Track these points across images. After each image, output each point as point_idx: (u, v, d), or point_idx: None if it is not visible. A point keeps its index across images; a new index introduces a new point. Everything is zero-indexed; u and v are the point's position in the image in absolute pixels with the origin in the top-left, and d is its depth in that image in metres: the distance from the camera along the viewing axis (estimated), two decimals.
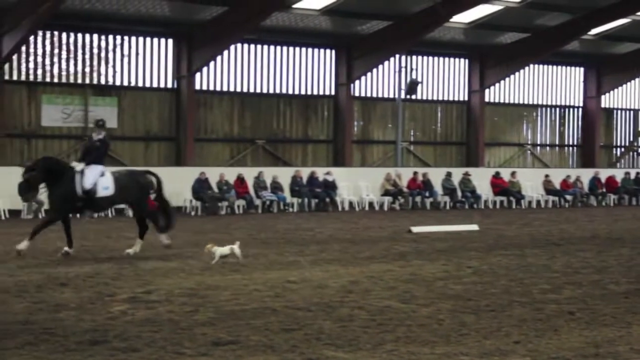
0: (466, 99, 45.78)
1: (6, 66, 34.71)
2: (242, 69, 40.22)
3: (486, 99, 45.86)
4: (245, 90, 40.34)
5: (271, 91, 41.00)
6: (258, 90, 40.69)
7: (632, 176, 45.75)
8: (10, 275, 16.33)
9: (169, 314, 12.41)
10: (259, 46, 40.52)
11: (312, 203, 36.74)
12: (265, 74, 40.82)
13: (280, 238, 24.20)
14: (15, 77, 35.66)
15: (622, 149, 51.65)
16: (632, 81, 48.84)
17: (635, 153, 52.04)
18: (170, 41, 38.30)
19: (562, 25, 42.65)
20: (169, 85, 38.47)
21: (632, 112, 51.71)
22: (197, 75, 38.31)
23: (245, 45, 39.78)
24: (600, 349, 10.51)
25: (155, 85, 38.35)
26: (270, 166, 38.87)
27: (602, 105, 49.48)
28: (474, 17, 41.00)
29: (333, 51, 42.03)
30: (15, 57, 34.86)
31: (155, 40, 38.20)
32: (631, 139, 51.76)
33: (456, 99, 45.87)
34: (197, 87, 38.57)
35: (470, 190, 40.52)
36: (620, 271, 17.67)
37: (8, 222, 29.90)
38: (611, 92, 49.13)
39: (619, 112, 51.39)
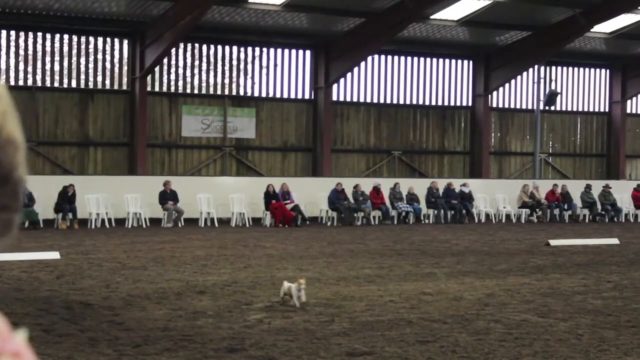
0: (607, 110, 44.91)
1: (148, 78, 35.60)
2: (379, 79, 40.35)
3: (628, 110, 44.89)
4: (381, 101, 40.44)
5: (407, 102, 41.00)
6: (394, 101, 40.74)
7: None
8: (151, 282, 16.70)
9: (305, 324, 12.50)
10: (395, 57, 40.59)
11: (448, 214, 36.54)
12: (402, 85, 40.87)
13: (416, 249, 24.14)
14: (157, 89, 36.54)
15: None
16: None
17: None
18: (308, 52, 38.68)
19: None
20: (307, 96, 38.84)
21: None
22: (334, 86, 38.57)
23: (382, 56, 39.88)
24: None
25: (293, 96, 38.77)
26: (406, 177, 38.84)
27: None
28: (615, 26, 40.19)
29: (471, 62, 41.79)
30: (157, 69, 35.74)
31: (294, 51, 38.65)
32: None
33: (596, 110, 45.04)
34: (334, 98, 38.85)
35: (610, 203, 39.68)
36: None
37: (149, 230, 30.58)
38: None
39: None
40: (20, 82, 34.59)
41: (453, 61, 41.80)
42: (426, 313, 13.58)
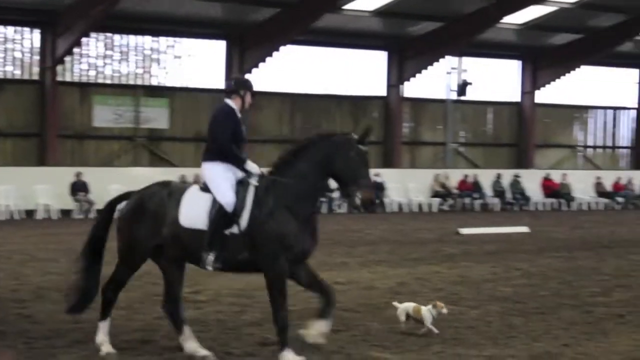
0: (518, 100, 45.49)
1: (60, 68, 35.05)
2: (293, 70, 40.29)
3: (537, 101, 45.50)
4: (295, 91, 40.41)
5: (321, 92, 41.03)
6: (308, 92, 40.73)
7: None
8: (61, 274, 16.48)
9: (217, 314, 12.49)
10: (310, 47, 40.58)
11: None
12: (316, 75, 40.88)
13: (329, 239, 24.16)
14: (68, 79, 35.97)
15: None
16: None
17: None
18: (222, 42, 38.47)
19: (616, 26, 42.26)
20: (221, 86, 38.63)
21: None
22: (248, 76, 38.41)
23: (297, 47, 39.83)
24: None
25: (206, 86, 38.52)
26: None
27: None
28: (526, 18, 40.75)
29: (384, 52, 41.96)
30: (68, 58, 35.18)
31: (208, 41, 38.40)
32: None
33: (507, 100, 45.59)
34: None
35: (520, 192, 40.30)
36: None
37: (59, 221, 30.19)
38: None
39: None
40: None
41: (367, 51, 41.92)
42: (338, 302, 13.54)
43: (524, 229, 27.64)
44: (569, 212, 39.37)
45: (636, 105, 48.87)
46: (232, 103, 10.21)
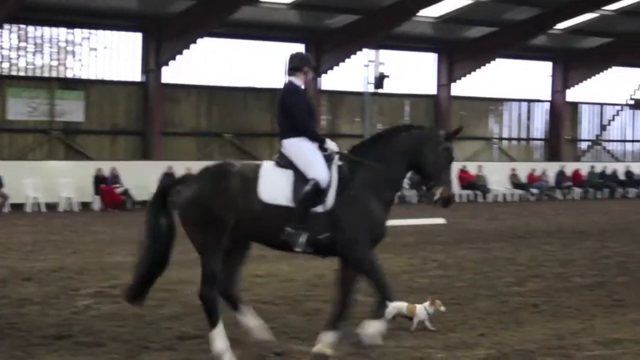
0: (434, 93, 45.86)
1: None
2: (211, 63, 40.09)
3: (454, 93, 45.94)
4: (213, 84, 40.21)
5: (239, 85, 40.89)
6: (226, 84, 40.56)
7: (598, 170, 46.12)
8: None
9: (135, 309, 12.38)
10: (227, 40, 40.41)
11: None
12: (234, 68, 40.71)
13: None
14: None
15: (588, 143, 51.94)
16: (598, 75, 49.01)
17: (600, 147, 52.34)
18: (138, 35, 38.11)
19: (530, 19, 42.84)
20: (137, 79, 38.30)
21: (597, 106, 52.03)
22: (165, 68, 38.12)
23: (214, 39, 39.62)
24: (563, 341, 10.61)
25: (122, 79, 38.14)
26: (238, 160, 38.63)
27: (568, 100, 49.72)
28: (442, 11, 41.11)
29: (302, 45, 41.92)
30: None
31: (123, 33, 38.01)
32: (597, 133, 52.07)
33: (424, 93, 45.93)
34: (165, 80, 38.38)
35: None
36: (585, 264, 17.82)
37: None
38: (577, 86, 49.28)
39: (585, 106, 51.68)
40: None
41: (285, 44, 41.84)
42: (257, 295, 13.63)
43: (440, 221, 27.87)
44: (485, 204, 39.87)
45: (549, 98, 49.60)
46: (297, 80, 10.05)
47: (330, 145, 9.97)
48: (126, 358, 9.74)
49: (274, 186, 9.58)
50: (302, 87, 10.04)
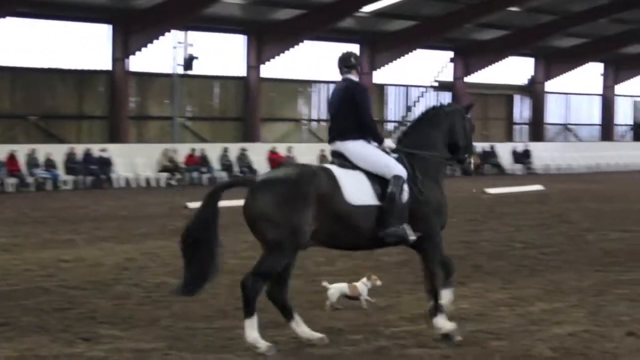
0: (243, 74, 45.88)
1: None
2: (13, 43, 38.88)
3: (263, 75, 46.09)
4: (15, 64, 39.02)
5: (44, 66, 39.84)
6: (30, 65, 39.43)
7: None
8: None
9: None
10: (31, 20, 39.26)
11: (88, 180, 36.12)
12: (38, 49, 39.60)
13: (54, 216, 23.68)
14: None
15: (395, 124, 53.06)
16: (403, 57, 50.05)
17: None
18: None
19: (338, 2, 43.35)
20: None
21: (403, 88, 53.21)
22: None
23: (15, 19, 38.43)
24: (371, 318, 10.82)
25: None
26: (44, 143, 37.76)
27: (375, 81, 50.61)
28: None
29: (110, 26, 41.19)
30: None
31: None
32: (402, 114, 53.26)
33: (233, 75, 45.90)
34: None
35: (247, 166, 40.78)
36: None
37: None
38: (383, 68, 50.19)
39: (391, 87, 52.77)
40: None
41: (91, 25, 41.01)
42: (64, 280, 13.38)
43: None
44: None
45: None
46: (354, 77, 10.31)
47: (388, 142, 10.18)
48: None
49: (355, 188, 9.67)
50: None
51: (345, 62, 10.47)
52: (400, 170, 9.83)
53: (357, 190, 9.66)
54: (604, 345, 9.45)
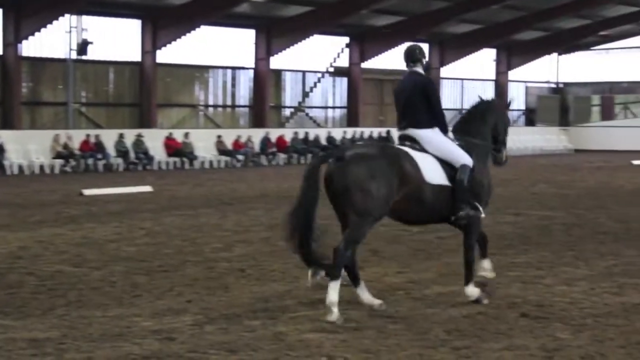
0: (139, 60, 45.36)
1: None
2: None
3: (159, 60, 45.64)
4: None
5: None
6: None
7: (301, 136, 47.32)
8: None
9: None
10: None
11: None
12: None
13: None
14: None
15: (291, 110, 53.15)
16: (300, 43, 50.08)
17: (303, 113, 53.67)
18: None
19: None
20: None
21: (300, 73, 53.27)
22: None
23: None
24: (269, 304, 10.84)
25: None
26: None
27: (272, 67, 50.57)
28: None
29: (0, 10, 40.31)
30: None
31: None
32: (299, 100, 53.36)
33: (129, 60, 45.35)
34: None
35: (143, 152, 40.43)
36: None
37: None
38: (280, 53, 50.15)
39: (288, 73, 52.80)
40: None
41: None
42: None
43: (147, 189, 27.77)
44: (192, 171, 40.05)
45: (253, 65, 50.24)
46: (421, 70, 11.29)
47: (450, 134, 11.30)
48: None
49: (430, 169, 10.66)
50: None
51: (412, 56, 11.34)
52: (468, 160, 10.88)
53: (432, 171, 10.66)
54: (497, 327, 9.62)
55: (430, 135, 10.92)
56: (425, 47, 57.38)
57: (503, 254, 14.43)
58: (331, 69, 54.11)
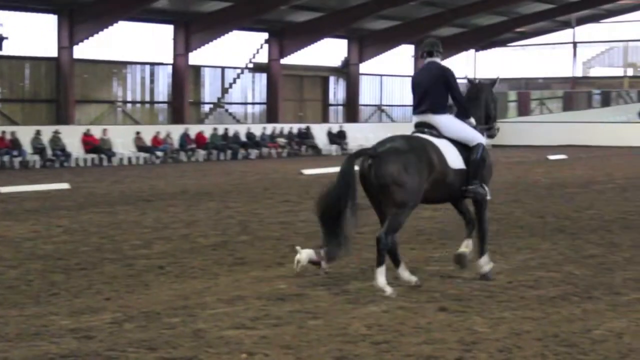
0: (55, 55, 44.76)
1: None
2: None
3: (76, 56, 45.09)
4: None
5: None
6: None
7: (220, 132, 47.16)
8: None
9: None
10: None
11: None
12: None
13: None
14: None
15: (211, 106, 52.93)
16: (219, 39, 49.86)
17: (223, 109, 53.48)
18: None
19: None
20: None
21: (219, 69, 53.07)
22: None
23: None
24: (188, 301, 10.78)
25: None
26: None
27: (191, 63, 50.29)
28: None
29: None
30: None
31: None
32: (219, 96, 53.16)
33: (45, 55, 44.72)
34: None
35: (60, 149, 39.94)
36: (208, 224, 18.18)
37: None
38: (199, 49, 49.89)
39: (207, 69, 52.57)
40: None
41: None
42: None
43: (64, 186, 27.45)
44: (110, 167, 39.68)
45: (172, 61, 49.91)
46: (439, 60, 12.12)
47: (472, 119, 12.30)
48: None
49: (452, 155, 11.66)
50: None
51: (431, 47, 12.14)
52: (481, 138, 12.07)
53: (453, 157, 11.67)
54: (417, 321, 9.68)
55: (446, 120, 11.92)
56: (344, 43, 58.22)
57: (422, 249, 14.56)
58: (250, 65, 54.02)
